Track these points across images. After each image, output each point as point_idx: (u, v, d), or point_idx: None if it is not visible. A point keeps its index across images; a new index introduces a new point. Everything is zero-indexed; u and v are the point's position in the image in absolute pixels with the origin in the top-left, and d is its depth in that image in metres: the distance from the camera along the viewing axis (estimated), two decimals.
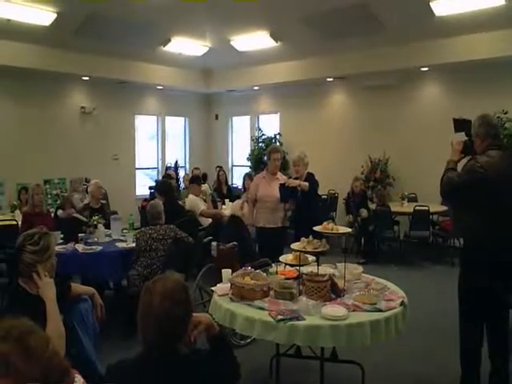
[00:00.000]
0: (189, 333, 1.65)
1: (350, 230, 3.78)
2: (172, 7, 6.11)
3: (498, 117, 6.43)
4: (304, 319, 2.41)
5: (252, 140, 10.33)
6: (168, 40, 7.71)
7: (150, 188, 8.96)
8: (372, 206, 7.29)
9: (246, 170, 9.10)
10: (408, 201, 7.58)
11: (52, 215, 5.58)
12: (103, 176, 7.06)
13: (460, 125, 3.17)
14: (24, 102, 8.11)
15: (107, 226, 5.02)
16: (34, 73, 7.77)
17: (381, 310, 2.52)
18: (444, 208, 6.80)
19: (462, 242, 3.15)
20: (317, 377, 2.87)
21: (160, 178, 9.24)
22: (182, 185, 8.93)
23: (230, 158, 11.32)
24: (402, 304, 2.63)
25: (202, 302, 4.28)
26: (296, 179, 4.73)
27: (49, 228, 2.83)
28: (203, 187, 6.77)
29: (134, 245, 4.30)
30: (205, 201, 6.35)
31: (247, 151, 10.32)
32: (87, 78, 8.59)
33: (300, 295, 2.72)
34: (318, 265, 3.02)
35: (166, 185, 5.67)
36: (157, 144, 10.63)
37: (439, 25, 6.44)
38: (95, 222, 4.82)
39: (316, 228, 3.07)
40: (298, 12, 6.35)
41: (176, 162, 10.12)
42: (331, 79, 8.94)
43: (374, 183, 8.31)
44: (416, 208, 6.83)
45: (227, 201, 7.22)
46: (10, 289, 2.60)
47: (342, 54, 8.03)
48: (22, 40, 7.12)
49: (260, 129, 10.31)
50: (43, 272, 2.37)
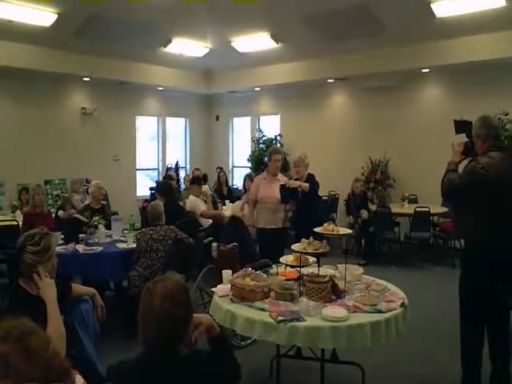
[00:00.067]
0: (189, 334, 1.64)
1: (351, 232, 3.78)
2: (173, 8, 6.12)
3: (499, 118, 6.42)
4: (304, 320, 2.41)
5: (252, 141, 10.33)
6: (169, 41, 7.71)
7: (151, 189, 8.96)
8: (372, 208, 7.29)
9: (247, 171, 9.08)
10: (408, 202, 7.57)
11: (53, 216, 5.59)
12: (104, 177, 7.08)
13: (461, 126, 3.17)
14: (25, 103, 8.11)
15: (108, 227, 5.03)
16: (35, 73, 7.77)
17: (381, 311, 2.51)
18: (444, 209, 6.80)
19: (463, 244, 3.14)
20: (317, 378, 2.88)
21: (160, 179, 9.25)
22: (183, 186, 8.92)
23: (231, 159, 11.32)
24: (403, 305, 2.63)
25: (203, 303, 4.27)
26: (296, 180, 4.73)
27: (49, 228, 2.82)
28: (204, 188, 6.76)
29: (135, 245, 4.31)
30: (205, 202, 6.35)
31: (248, 152, 10.33)
32: (88, 79, 8.59)
33: (300, 296, 2.72)
34: (319, 266, 3.02)
35: (167, 186, 5.67)
36: (157, 145, 10.63)
37: (440, 26, 6.44)
38: (96, 223, 4.83)
39: (316, 229, 3.07)
40: (299, 13, 6.35)
41: (176, 163, 10.12)
42: (332, 80, 8.94)
43: (375, 184, 8.31)
44: (416, 209, 6.83)
45: (228, 202, 7.22)
46: (11, 289, 2.60)
47: (343, 55, 8.04)
48: (23, 41, 7.13)
49: (261, 130, 10.31)
50: (44, 272, 2.36)
